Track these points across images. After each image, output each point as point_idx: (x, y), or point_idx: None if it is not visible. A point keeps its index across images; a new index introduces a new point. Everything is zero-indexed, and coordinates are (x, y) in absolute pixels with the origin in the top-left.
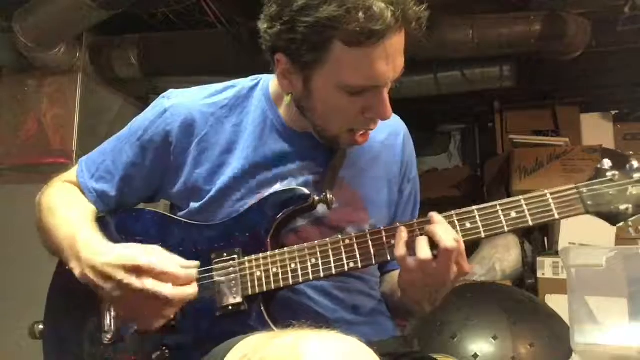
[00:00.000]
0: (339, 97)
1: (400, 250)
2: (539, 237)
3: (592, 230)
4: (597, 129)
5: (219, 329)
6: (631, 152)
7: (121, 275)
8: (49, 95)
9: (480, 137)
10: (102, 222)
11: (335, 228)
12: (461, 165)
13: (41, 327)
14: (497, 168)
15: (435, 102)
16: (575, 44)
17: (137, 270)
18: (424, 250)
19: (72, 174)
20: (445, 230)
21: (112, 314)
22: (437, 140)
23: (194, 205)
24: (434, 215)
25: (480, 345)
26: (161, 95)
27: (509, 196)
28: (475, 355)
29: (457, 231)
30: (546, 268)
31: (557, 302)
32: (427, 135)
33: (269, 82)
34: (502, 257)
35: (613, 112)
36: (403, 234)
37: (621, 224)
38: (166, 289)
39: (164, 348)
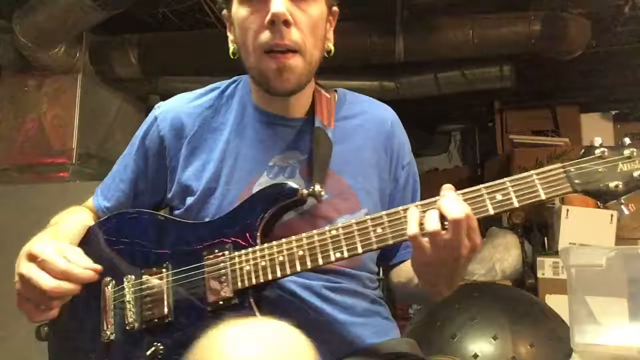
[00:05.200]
0: (242, 11)
1: (413, 228)
2: (539, 237)
3: (592, 230)
4: (597, 129)
5: (211, 325)
6: None
7: (22, 261)
8: (49, 95)
9: (480, 137)
10: (102, 225)
11: (326, 218)
12: (461, 165)
13: (46, 328)
14: (497, 168)
15: (435, 102)
16: (575, 44)
17: (31, 258)
18: (432, 221)
19: (89, 201)
20: (452, 202)
21: (109, 312)
22: (437, 140)
23: (188, 201)
24: (443, 188)
25: (481, 345)
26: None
27: None
28: (476, 355)
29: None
30: (546, 268)
31: (557, 302)
32: (427, 135)
33: (249, 78)
34: (502, 257)
35: (613, 112)
36: (414, 214)
37: (613, 202)
38: (44, 280)
39: (158, 344)
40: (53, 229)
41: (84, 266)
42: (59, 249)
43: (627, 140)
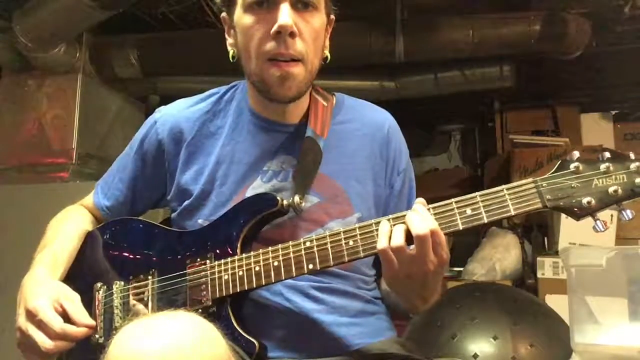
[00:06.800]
0: (247, 19)
1: (382, 242)
2: (539, 237)
3: (592, 230)
4: (597, 129)
5: None
6: (631, 152)
7: (21, 314)
8: (49, 95)
9: (480, 137)
10: (99, 232)
11: (317, 222)
12: (461, 165)
13: None
14: (497, 168)
15: (435, 102)
16: (575, 44)
17: (30, 315)
18: (397, 236)
19: (89, 197)
20: (418, 218)
21: (99, 317)
22: (437, 140)
23: (185, 203)
24: (416, 202)
25: (481, 345)
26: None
27: None
28: (476, 355)
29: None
30: (546, 268)
31: (557, 302)
32: (427, 135)
33: (247, 83)
34: (502, 257)
35: (613, 112)
36: (385, 228)
37: (586, 218)
38: (42, 341)
39: None
40: (51, 256)
41: (79, 323)
42: (55, 300)
43: (607, 155)
